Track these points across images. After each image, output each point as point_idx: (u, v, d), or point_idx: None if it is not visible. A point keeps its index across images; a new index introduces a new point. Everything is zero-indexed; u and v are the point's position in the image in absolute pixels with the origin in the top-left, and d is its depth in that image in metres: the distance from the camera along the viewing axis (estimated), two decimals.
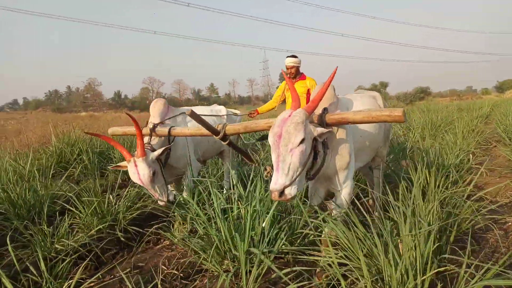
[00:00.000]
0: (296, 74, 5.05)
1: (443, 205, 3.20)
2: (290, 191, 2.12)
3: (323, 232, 2.56)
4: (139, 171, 3.21)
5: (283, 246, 2.66)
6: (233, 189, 3.30)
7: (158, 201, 3.43)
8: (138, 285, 2.73)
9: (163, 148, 3.37)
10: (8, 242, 2.68)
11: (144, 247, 3.51)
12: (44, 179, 4.92)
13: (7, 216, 3.77)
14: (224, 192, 3.69)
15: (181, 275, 2.94)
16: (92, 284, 2.76)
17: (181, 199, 3.57)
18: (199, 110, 4.48)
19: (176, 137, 3.61)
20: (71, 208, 3.76)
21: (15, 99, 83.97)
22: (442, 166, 4.03)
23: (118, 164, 3.44)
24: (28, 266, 2.72)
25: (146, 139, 3.50)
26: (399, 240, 2.26)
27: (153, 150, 3.41)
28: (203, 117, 3.12)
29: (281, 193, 2.10)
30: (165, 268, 3.07)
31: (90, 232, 3.40)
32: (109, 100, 68.68)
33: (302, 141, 2.15)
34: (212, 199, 3.09)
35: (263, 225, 2.70)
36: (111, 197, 3.86)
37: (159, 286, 2.71)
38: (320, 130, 2.27)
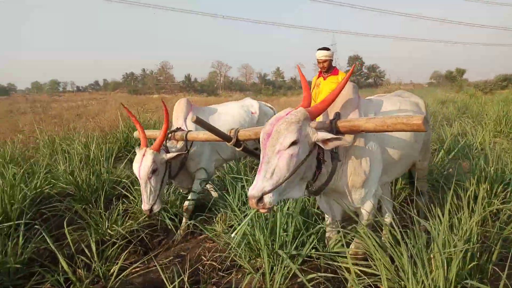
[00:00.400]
0: (328, 68, 4.71)
1: (494, 217, 2.95)
2: (270, 200, 1.82)
3: (351, 245, 2.47)
4: (143, 161, 3.17)
5: (313, 250, 2.65)
6: None
7: (142, 205, 3.25)
8: (179, 272, 2.90)
9: (177, 153, 3.35)
10: (65, 224, 3.00)
11: (189, 237, 3.71)
12: (108, 164, 5.34)
13: (74, 198, 4.20)
14: None
15: (219, 267, 3.07)
16: (138, 269, 3.00)
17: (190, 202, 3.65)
18: (228, 106, 4.38)
19: (194, 143, 3.59)
20: (127, 194, 4.08)
21: (96, 81, 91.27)
22: (501, 172, 3.67)
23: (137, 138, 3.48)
24: (84, 248, 3.03)
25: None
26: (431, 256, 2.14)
27: (168, 152, 3.41)
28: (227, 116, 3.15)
29: (260, 200, 1.82)
30: (205, 259, 3.23)
31: (141, 218, 3.66)
32: (179, 83, 71.78)
33: (293, 144, 1.90)
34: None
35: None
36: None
37: (201, 275, 2.89)
38: (322, 135, 1.99)
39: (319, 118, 2.27)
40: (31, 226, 3.40)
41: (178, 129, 3.62)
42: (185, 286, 2.51)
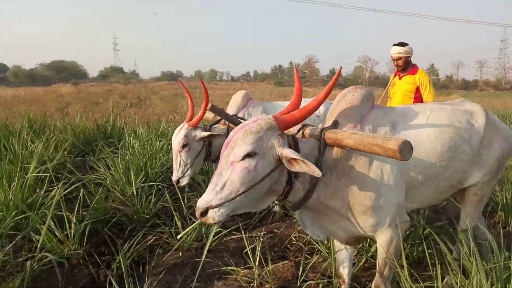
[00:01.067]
0: (405, 66, 4.23)
1: None
2: (214, 215, 1.67)
3: None
4: (178, 135, 3.28)
5: None
6: None
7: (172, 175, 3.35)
8: (264, 247, 3.26)
9: (209, 133, 3.29)
10: (186, 191, 3.61)
11: (285, 218, 4.04)
12: None
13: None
14: None
15: (306, 249, 3.32)
16: (235, 236, 3.48)
17: None
18: (276, 105, 4.24)
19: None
20: None
21: (248, 72, 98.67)
22: None
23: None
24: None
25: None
26: None
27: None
28: None
29: (205, 213, 1.68)
30: (294, 239, 3.51)
31: None
32: (323, 77, 72.14)
33: (248, 156, 1.68)
34: None
35: None
36: None
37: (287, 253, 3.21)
38: (286, 152, 1.70)
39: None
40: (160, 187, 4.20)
41: (234, 116, 3.36)
42: (269, 258, 2.84)
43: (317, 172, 1.64)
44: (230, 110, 3.98)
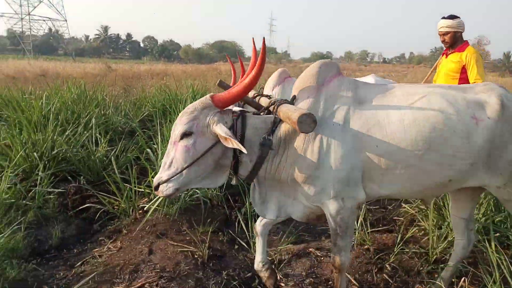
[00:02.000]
0: (452, 42, 3.73)
1: None
2: (164, 189, 1.92)
3: None
4: None
5: None
6: None
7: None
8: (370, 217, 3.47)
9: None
10: None
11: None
12: None
13: None
14: None
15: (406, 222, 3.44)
16: None
17: None
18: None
19: None
20: None
21: (402, 53, 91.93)
22: None
23: None
24: None
25: None
26: None
27: None
28: None
29: (157, 187, 1.95)
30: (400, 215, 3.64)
31: None
32: (494, 61, 62.02)
33: (186, 135, 1.88)
34: None
35: None
36: None
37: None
38: (216, 130, 1.85)
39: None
40: None
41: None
42: (368, 223, 3.08)
43: (242, 149, 1.77)
44: (267, 87, 3.94)
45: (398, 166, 1.95)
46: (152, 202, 3.25)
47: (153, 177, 3.16)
